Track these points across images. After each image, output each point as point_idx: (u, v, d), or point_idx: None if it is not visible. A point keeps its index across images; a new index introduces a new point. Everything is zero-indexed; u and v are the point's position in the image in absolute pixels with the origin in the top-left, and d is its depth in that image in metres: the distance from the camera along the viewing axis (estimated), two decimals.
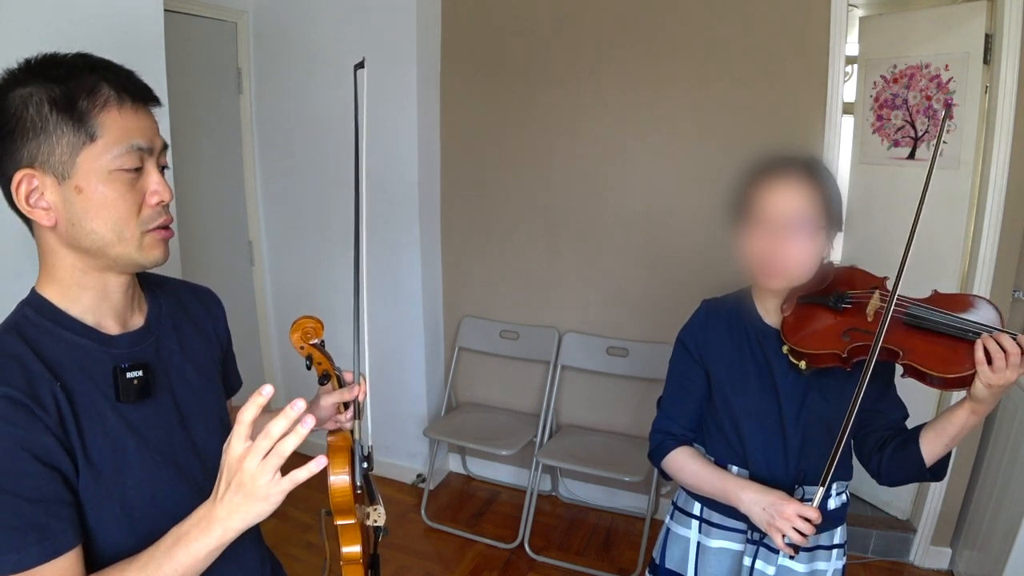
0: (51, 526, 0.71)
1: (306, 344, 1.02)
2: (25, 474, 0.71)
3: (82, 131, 0.75)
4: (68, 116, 0.74)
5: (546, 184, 2.75)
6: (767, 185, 1.13)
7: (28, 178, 0.75)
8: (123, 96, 0.77)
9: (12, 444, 0.70)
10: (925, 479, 1.13)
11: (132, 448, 0.81)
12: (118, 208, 0.78)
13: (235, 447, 0.72)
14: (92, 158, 0.75)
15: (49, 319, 0.80)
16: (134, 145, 0.78)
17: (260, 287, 3.12)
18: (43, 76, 0.74)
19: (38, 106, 0.73)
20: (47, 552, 0.70)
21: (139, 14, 1.74)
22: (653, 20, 2.47)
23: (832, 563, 1.25)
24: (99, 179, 0.76)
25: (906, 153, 2.47)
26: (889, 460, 1.15)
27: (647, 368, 2.64)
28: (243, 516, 0.73)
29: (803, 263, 1.13)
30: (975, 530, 2.33)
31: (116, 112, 0.76)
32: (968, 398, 1.03)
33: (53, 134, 0.74)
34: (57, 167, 0.75)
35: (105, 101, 0.76)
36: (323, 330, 1.05)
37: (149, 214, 0.81)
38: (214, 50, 2.77)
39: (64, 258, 0.80)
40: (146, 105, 0.81)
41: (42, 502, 0.71)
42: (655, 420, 1.33)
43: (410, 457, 3.05)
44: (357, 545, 0.96)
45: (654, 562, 1.39)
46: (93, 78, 0.76)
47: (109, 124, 0.76)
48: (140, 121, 0.79)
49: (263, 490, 0.72)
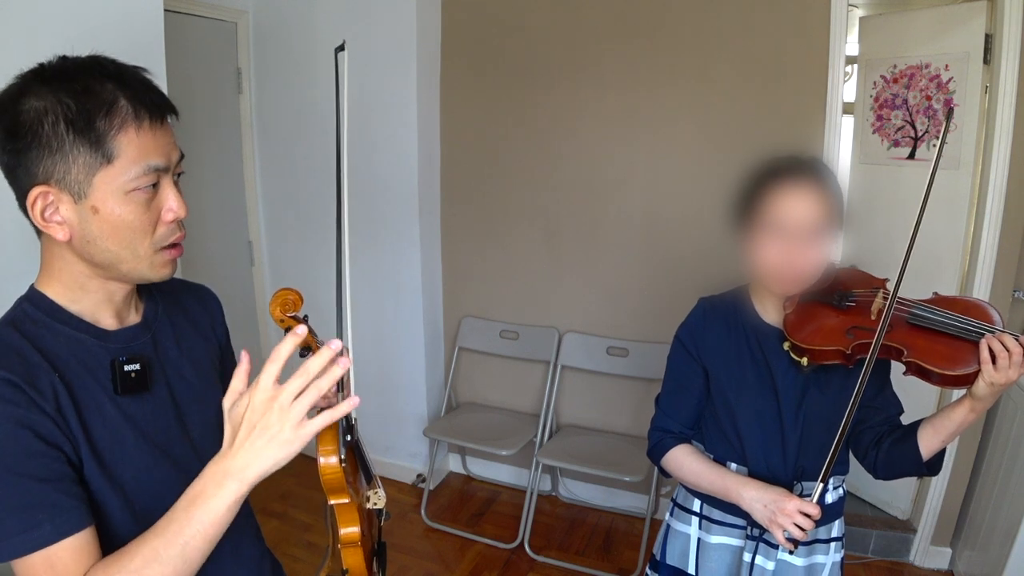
0: (63, 503, 0.71)
1: (285, 317, 1.01)
2: (29, 453, 0.70)
3: (99, 153, 0.74)
4: (85, 137, 0.73)
5: (546, 184, 2.75)
6: (780, 191, 1.11)
7: (44, 194, 0.74)
8: (141, 114, 0.76)
9: (12, 424, 0.70)
10: (922, 473, 1.15)
11: (130, 440, 0.81)
12: (133, 228, 0.78)
13: (264, 383, 0.70)
14: (109, 179, 0.75)
15: (47, 314, 0.80)
16: (151, 166, 0.77)
17: (260, 287, 3.12)
18: (58, 88, 0.73)
19: (54, 124, 0.72)
20: (61, 530, 0.70)
21: (139, 14, 1.74)
22: (653, 20, 2.48)
23: (831, 556, 1.26)
24: (116, 200, 0.76)
25: (906, 153, 2.47)
26: (886, 455, 1.17)
27: (647, 368, 2.64)
28: (262, 462, 0.71)
29: (819, 268, 1.13)
30: (975, 530, 2.33)
31: (134, 133, 0.75)
32: (968, 396, 1.05)
33: (69, 154, 0.73)
34: (73, 186, 0.74)
35: (122, 122, 0.74)
36: (302, 303, 1.03)
37: (163, 232, 0.81)
38: (214, 50, 2.77)
39: (72, 265, 0.80)
40: (164, 120, 0.80)
41: (50, 480, 0.71)
42: (654, 418, 1.33)
43: (410, 457, 3.05)
44: (356, 526, 0.94)
45: (655, 558, 1.40)
46: (110, 91, 0.74)
47: (126, 145, 0.75)
48: (157, 139, 0.78)
49: (290, 432, 0.70)
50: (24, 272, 0.91)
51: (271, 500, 2.82)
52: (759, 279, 1.19)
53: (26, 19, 1.49)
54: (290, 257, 3.06)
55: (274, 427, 0.70)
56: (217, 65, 2.80)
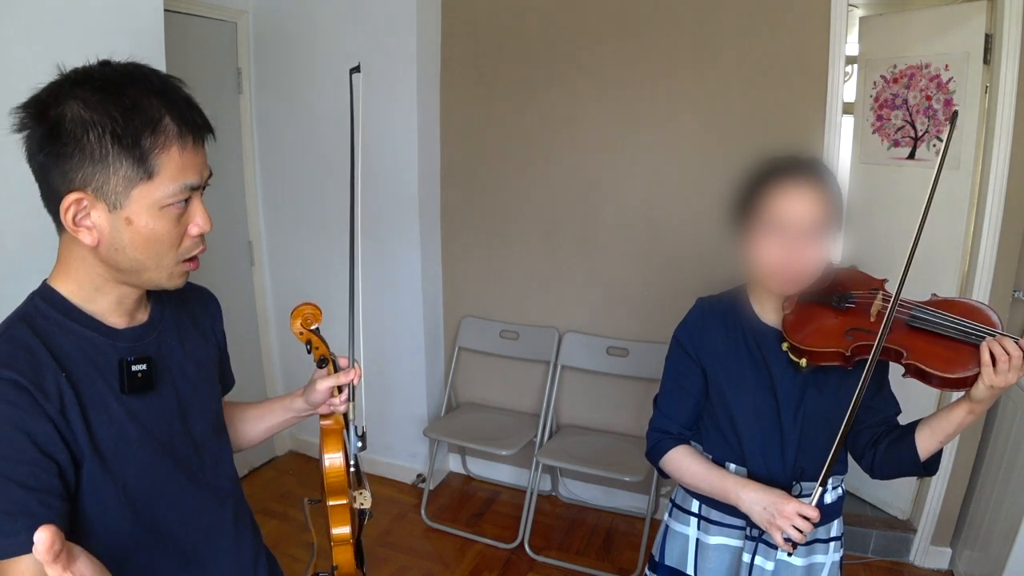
0: (44, 515, 0.70)
1: (305, 330, 1.06)
2: (23, 460, 0.71)
3: (141, 168, 0.75)
4: (129, 152, 0.74)
5: (546, 184, 2.75)
6: (780, 190, 1.11)
7: (78, 201, 0.75)
8: (184, 134, 0.78)
9: (11, 426, 0.71)
10: (919, 474, 1.16)
11: (135, 438, 0.82)
12: (163, 241, 0.80)
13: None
14: (147, 194, 0.76)
15: (60, 311, 0.81)
16: (187, 185, 0.79)
17: (260, 287, 3.12)
18: (107, 100, 0.73)
19: (100, 136, 0.73)
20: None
21: (139, 14, 1.75)
22: (653, 20, 2.48)
23: (830, 556, 1.26)
24: (150, 214, 0.77)
25: (906, 153, 2.47)
26: (884, 455, 1.17)
27: (647, 368, 2.64)
28: None
29: (819, 268, 1.13)
30: (975, 530, 2.33)
31: (176, 153, 0.77)
32: (966, 398, 1.06)
33: (111, 165, 0.74)
34: (110, 196, 0.75)
35: (167, 140, 0.76)
36: (321, 317, 1.09)
37: (188, 245, 0.84)
38: (214, 50, 2.77)
39: (92, 268, 0.81)
40: (204, 141, 0.82)
41: (37, 490, 0.71)
42: (652, 419, 1.33)
43: (410, 457, 3.05)
44: (347, 526, 0.99)
45: (653, 559, 1.40)
46: (156, 108, 0.76)
47: (167, 163, 0.77)
48: (196, 159, 0.80)
49: None
50: (25, 272, 0.92)
51: (271, 500, 2.82)
52: (758, 279, 1.19)
53: (26, 19, 1.49)
54: (290, 257, 3.06)
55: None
56: (217, 65, 2.80)
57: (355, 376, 1.04)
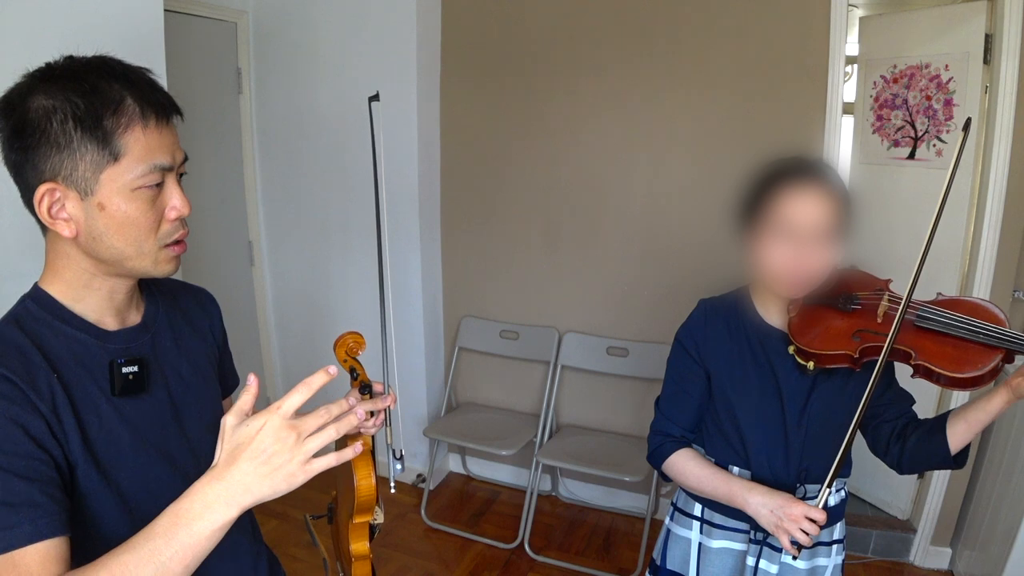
0: (46, 506, 0.70)
1: (350, 358, 1.08)
2: (19, 452, 0.70)
3: (106, 151, 0.75)
4: (92, 135, 0.74)
5: (546, 184, 2.75)
6: (789, 193, 1.10)
7: (51, 191, 0.75)
8: (147, 113, 0.77)
9: (6, 419, 0.70)
10: (948, 467, 1.14)
11: (127, 441, 0.82)
12: (139, 225, 0.79)
13: (286, 409, 0.69)
14: (115, 177, 0.76)
15: (50, 313, 0.81)
16: (156, 165, 0.78)
17: (260, 287, 3.12)
18: (66, 87, 0.74)
19: (62, 122, 0.73)
20: (40, 532, 0.68)
21: (139, 14, 1.74)
22: (653, 20, 2.47)
23: (832, 559, 1.26)
24: (122, 197, 0.77)
25: (906, 153, 2.47)
26: (914, 450, 1.15)
27: (647, 368, 2.64)
28: (260, 490, 0.70)
29: (827, 271, 1.12)
30: (975, 530, 2.34)
31: (140, 132, 0.77)
32: (1006, 389, 1.03)
33: (77, 151, 0.74)
34: (80, 183, 0.75)
35: (129, 120, 0.76)
36: (365, 345, 1.10)
37: (167, 229, 0.83)
38: (214, 50, 2.77)
39: (77, 263, 0.81)
40: (169, 120, 0.81)
41: (37, 481, 0.70)
42: (654, 422, 1.32)
43: (410, 457, 3.05)
44: (366, 541, 1.01)
45: (654, 563, 1.39)
46: (117, 90, 0.75)
47: (133, 144, 0.76)
48: (163, 139, 0.79)
49: (296, 466, 0.69)
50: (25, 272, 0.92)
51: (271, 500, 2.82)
52: (765, 281, 1.18)
53: (26, 19, 1.49)
54: (290, 257, 3.06)
55: (283, 456, 0.69)
56: (217, 65, 2.79)
57: (392, 401, 1.04)
